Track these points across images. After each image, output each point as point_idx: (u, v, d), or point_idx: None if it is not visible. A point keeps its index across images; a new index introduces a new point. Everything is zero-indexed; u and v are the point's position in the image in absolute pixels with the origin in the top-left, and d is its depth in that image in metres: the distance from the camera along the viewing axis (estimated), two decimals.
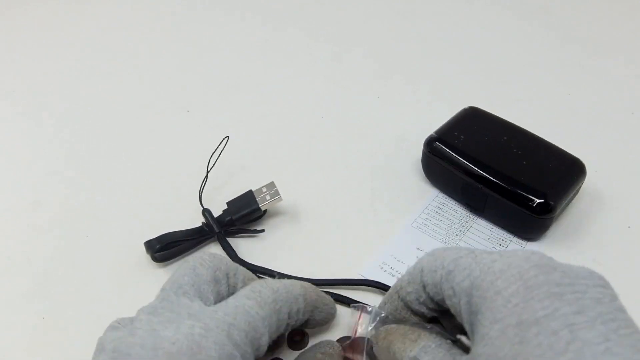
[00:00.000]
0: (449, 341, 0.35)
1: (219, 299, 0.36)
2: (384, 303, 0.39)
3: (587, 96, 0.67)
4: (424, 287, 0.35)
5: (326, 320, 0.42)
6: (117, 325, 0.34)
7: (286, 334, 0.42)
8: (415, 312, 0.37)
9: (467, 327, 0.32)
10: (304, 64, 0.73)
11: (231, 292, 0.38)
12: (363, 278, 0.48)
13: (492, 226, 0.52)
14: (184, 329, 0.31)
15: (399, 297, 0.38)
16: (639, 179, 0.57)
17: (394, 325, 0.38)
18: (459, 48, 0.75)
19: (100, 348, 0.32)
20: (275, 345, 0.42)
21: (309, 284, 0.40)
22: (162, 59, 0.74)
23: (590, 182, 0.53)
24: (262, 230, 0.52)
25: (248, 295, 0.35)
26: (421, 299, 0.36)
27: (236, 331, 0.32)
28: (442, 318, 0.37)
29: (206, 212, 0.51)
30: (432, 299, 0.35)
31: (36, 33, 0.79)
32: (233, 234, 0.51)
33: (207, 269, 0.37)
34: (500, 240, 0.51)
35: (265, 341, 0.34)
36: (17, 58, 0.74)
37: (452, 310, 0.34)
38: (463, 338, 0.33)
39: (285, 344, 0.43)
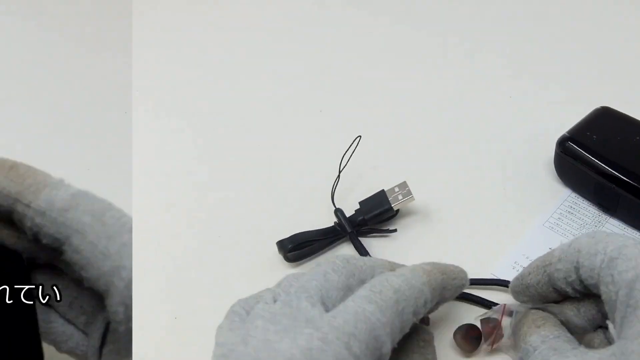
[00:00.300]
0: (572, 337, 0.35)
1: None
2: (527, 273, 0.38)
3: None
4: (577, 268, 0.34)
5: (457, 293, 0.40)
6: (239, 312, 0.34)
7: None
8: (556, 290, 0.37)
9: (616, 319, 0.32)
10: (436, 63, 0.73)
11: None
12: (495, 278, 0.48)
13: (624, 226, 0.51)
14: (301, 340, 0.29)
15: (545, 272, 0.37)
16: None
17: (530, 310, 0.38)
18: (591, 48, 0.73)
19: (216, 341, 0.32)
20: None
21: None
22: (295, 60, 0.75)
23: None
24: (395, 230, 0.52)
25: (369, 297, 0.32)
26: (569, 279, 0.35)
27: (357, 343, 0.30)
28: (581, 302, 0.37)
29: (338, 212, 0.52)
30: (581, 282, 0.35)
31: (175, 34, 0.81)
32: (365, 233, 0.52)
33: (340, 275, 0.35)
34: None
35: (387, 350, 0.32)
36: (156, 58, 0.77)
37: (604, 298, 0.33)
38: (611, 327, 0.33)
39: None
